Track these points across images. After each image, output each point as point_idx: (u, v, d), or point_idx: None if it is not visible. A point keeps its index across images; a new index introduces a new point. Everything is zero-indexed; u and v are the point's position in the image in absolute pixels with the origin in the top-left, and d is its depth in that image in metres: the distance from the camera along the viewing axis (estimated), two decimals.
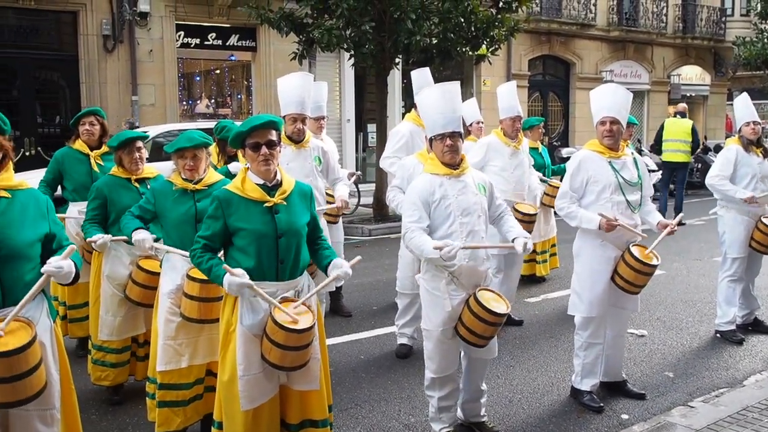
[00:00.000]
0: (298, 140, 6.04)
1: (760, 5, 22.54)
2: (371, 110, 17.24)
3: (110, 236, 4.93)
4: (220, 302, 3.89)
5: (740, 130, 6.62)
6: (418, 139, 6.65)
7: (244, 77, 17.65)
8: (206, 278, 3.87)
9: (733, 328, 6.70)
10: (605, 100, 5.06)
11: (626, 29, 23.42)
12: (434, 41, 13.14)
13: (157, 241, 4.56)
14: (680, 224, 13.45)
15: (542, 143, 9.23)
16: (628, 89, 5.17)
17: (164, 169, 5.31)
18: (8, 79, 14.51)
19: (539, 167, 8.42)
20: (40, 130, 14.68)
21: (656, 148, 14.40)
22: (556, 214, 5.81)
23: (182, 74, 16.67)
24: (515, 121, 7.02)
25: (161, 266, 4.59)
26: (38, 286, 3.15)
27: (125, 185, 5.10)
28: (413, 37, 12.20)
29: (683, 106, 14.61)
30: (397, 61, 13.74)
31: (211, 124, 9.21)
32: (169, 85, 15.61)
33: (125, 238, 4.77)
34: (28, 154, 14.03)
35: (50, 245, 3.36)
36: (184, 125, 12.56)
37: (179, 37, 15.86)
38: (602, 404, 5.14)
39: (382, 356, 6.33)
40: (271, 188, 3.73)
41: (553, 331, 7.01)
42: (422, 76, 6.93)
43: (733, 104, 7.23)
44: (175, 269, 4.38)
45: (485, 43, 13.65)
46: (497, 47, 14.00)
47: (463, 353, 4.59)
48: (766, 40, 22.92)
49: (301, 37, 13.24)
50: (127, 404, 5.22)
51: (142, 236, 4.45)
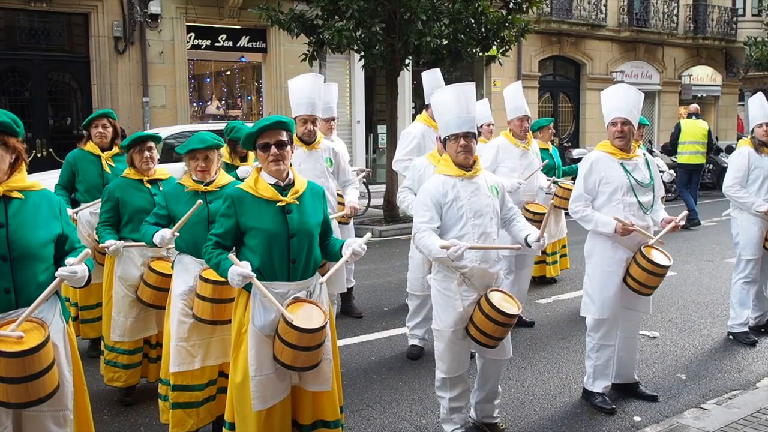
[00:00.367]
0: (309, 141, 6.04)
1: None
2: (381, 111, 17.24)
3: (123, 243, 4.94)
4: (232, 303, 3.90)
5: (753, 131, 6.57)
6: (429, 140, 6.67)
7: (254, 78, 17.68)
8: (219, 279, 3.87)
9: (746, 329, 6.67)
10: (616, 100, 5.03)
11: (637, 30, 23.29)
12: (444, 42, 13.11)
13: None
14: (693, 226, 13.26)
15: (553, 144, 9.21)
16: (639, 90, 5.15)
17: (175, 170, 5.33)
18: (20, 80, 14.59)
19: (550, 168, 8.39)
20: (51, 131, 14.77)
21: (670, 149, 14.17)
22: (566, 215, 5.79)
23: (193, 76, 16.72)
24: (523, 120, 7.04)
25: (173, 268, 4.61)
26: (51, 288, 3.17)
27: (137, 186, 5.11)
28: (423, 38, 12.18)
29: (695, 107, 14.28)
30: (407, 62, 13.73)
31: (221, 125, 9.21)
32: (179, 86, 15.68)
33: (138, 244, 4.80)
34: (39, 155, 14.12)
35: (63, 246, 3.38)
36: (195, 126, 12.59)
37: (190, 38, 15.92)
38: (614, 406, 5.12)
39: (393, 357, 6.32)
40: (283, 188, 3.75)
41: (564, 332, 6.99)
42: (433, 77, 6.95)
43: (745, 104, 7.16)
44: (187, 270, 4.40)
45: (495, 44, 13.61)
46: (508, 48, 13.95)
47: (477, 355, 4.59)
48: None
49: (311, 38, 13.25)
50: (139, 405, 5.23)
51: (160, 235, 4.37)
